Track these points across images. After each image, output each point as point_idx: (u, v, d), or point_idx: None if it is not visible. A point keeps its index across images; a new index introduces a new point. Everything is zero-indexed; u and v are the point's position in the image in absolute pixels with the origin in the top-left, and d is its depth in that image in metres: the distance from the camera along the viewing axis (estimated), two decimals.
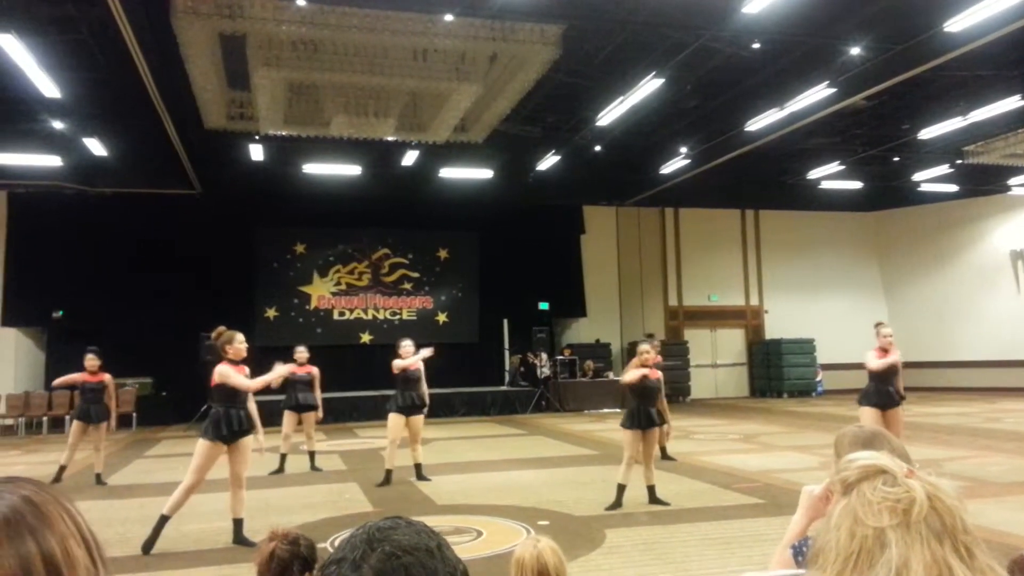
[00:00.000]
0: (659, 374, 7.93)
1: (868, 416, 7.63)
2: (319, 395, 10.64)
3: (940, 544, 1.07)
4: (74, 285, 17.82)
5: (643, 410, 7.58)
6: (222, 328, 6.76)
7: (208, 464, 6.44)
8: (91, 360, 9.83)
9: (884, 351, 7.85)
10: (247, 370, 6.71)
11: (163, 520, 6.35)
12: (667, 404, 8.84)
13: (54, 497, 0.82)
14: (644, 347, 7.92)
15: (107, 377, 9.88)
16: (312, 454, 10.55)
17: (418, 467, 9.34)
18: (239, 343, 6.61)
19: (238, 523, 6.48)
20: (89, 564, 0.79)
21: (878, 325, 8.12)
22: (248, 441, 6.57)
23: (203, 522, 6.96)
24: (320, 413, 10.70)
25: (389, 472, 9.06)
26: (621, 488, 7.54)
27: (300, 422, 10.56)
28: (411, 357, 9.16)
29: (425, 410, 9.32)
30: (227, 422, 6.42)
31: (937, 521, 1.09)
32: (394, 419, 9.10)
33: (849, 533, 1.12)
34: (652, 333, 10.09)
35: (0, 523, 0.76)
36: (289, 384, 10.36)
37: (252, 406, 6.64)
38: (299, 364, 10.54)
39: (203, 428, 6.53)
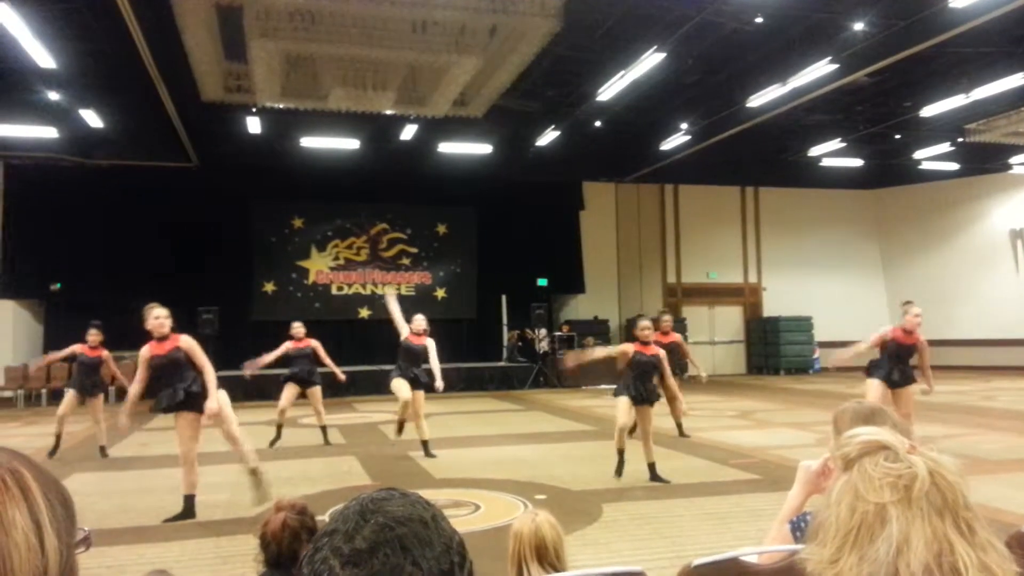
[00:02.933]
0: (656, 350, 7.90)
1: (875, 389, 7.49)
2: (330, 363, 10.52)
3: (941, 520, 1.07)
4: (72, 257, 17.77)
5: (636, 383, 7.61)
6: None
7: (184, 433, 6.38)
8: (94, 335, 9.83)
9: (909, 332, 7.59)
10: (184, 343, 6.47)
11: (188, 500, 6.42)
12: (676, 381, 8.86)
13: None
14: (643, 323, 8.00)
15: (105, 353, 9.90)
16: (324, 428, 10.47)
17: (424, 444, 9.27)
18: (152, 318, 6.43)
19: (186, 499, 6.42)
20: (30, 531, 0.77)
21: (907, 304, 7.80)
22: (186, 418, 6.37)
23: (199, 494, 6.98)
24: (341, 375, 10.64)
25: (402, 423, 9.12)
26: (620, 452, 7.61)
27: (303, 395, 10.49)
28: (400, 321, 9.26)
29: (437, 386, 9.23)
30: (165, 396, 6.39)
31: (938, 497, 1.08)
32: (396, 383, 9.10)
33: (850, 508, 1.11)
34: (665, 309, 10.34)
35: None
36: (290, 359, 10.40)
37: (208, 379, 6.37)
38: (296, 339, 10.51)
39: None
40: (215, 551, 5.54)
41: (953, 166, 21.52)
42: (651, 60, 12.71)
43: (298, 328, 10.67)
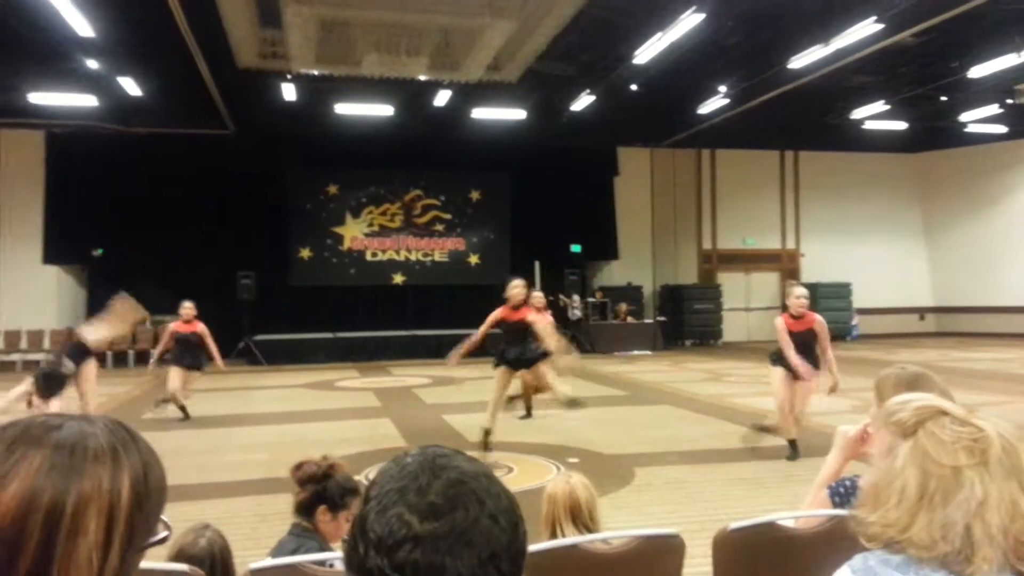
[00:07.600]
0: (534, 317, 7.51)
1: (778, 377, 7.07)
2: (214, 349, 10.04)
3: (1009, 483, 1.10)
4: (113, 224, 18.10)
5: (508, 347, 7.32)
6: None
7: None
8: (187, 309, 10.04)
9: (796, 317, 7.05)
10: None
11: None
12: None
13: (109, 430, 0.90)
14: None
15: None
16: (183, 407, 9.89)
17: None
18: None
19: None
20: (128, 499, 0.84)
21: (791, 285, 7.28)
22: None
23: (240, 453, 7.15)
24: (220, 363, 10.17)
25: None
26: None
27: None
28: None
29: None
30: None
31: (1007, 460, 1.11)
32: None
33: (921, 472, 1.12)
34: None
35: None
36: (176, 342, 9.94)
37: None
38: (185, 321, 9.91)
39: None
40: (255, 509, 5.68)
41: (1001, 129, 20.83)
42: (690, 21, 12.42)
43: (188, 309, 10.10)
